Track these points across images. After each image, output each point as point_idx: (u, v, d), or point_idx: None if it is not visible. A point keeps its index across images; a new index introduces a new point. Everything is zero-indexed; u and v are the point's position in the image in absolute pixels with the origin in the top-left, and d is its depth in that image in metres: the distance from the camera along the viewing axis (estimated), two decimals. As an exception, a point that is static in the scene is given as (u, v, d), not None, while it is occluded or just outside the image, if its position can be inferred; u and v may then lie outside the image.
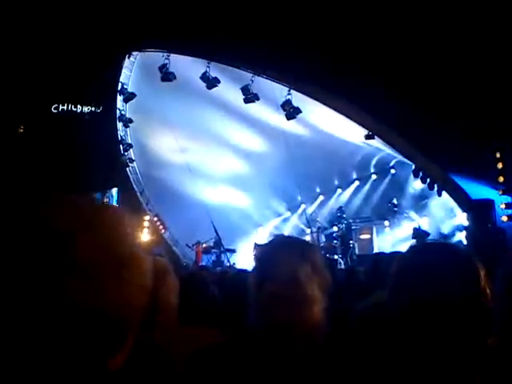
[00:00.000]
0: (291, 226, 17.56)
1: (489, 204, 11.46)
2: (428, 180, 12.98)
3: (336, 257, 13.91)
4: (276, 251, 1.76)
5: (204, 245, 15.25)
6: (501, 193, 11.38)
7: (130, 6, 12.83)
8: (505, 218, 11.29)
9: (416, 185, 14.39)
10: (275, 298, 1.64)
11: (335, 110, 11.93)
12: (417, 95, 10.67)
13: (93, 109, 17.78)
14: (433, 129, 10.91)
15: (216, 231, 14.12)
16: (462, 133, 10.53)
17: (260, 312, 1.67)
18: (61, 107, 18.24)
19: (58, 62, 15.64)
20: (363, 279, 4.77)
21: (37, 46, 15.21)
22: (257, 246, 14.33)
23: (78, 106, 18.14)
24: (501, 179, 11.33)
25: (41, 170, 16.89)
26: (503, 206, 11.35)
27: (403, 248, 5.59)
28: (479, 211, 11.32)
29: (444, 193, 12.65)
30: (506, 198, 11.36)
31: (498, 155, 11.26)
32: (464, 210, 12.03)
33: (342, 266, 12.97)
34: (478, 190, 11.80)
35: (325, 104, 11.95)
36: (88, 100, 17.68)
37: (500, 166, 11.26)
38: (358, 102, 11.44)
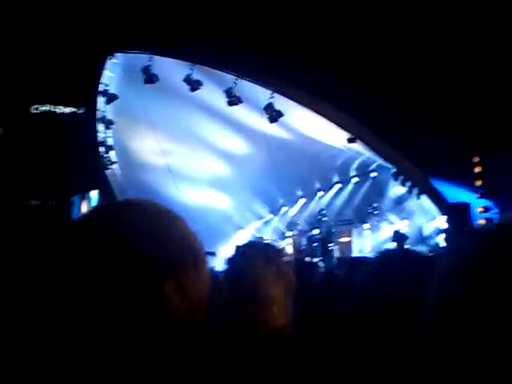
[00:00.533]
0: (272, 228, 17.63)
1: (464, 207, 11.69)
2: (407, 183, 13.19)
3: (316, 259, 14.02)
4: (242, 254, 1.87)
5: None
6: (478, 196, 11.62)
7: (113, 7, 12.78)
8: (482, 221, 11.51)
9: (396, 188, 14.59)
10: (238, 298, 1.74)
11: (317, 113, 12.05)
12: (397, 99, 10.84)
13: (74, 110, 17.62)
14: (413, 133, 11.09)
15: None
16: (442, 137, 10.72)
17: (224, 312, 1.77)
18: (40, 108, 18.04)
19: (38, 61, 15.47)
20: (341, 281, 4.87)
21: (16, 44, 15.03)
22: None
23: (59, 107, 17.96)
24: (478, 183, 11.57)
25: (20, 171, 16.68)
26: (481, 209, 11.58)
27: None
28: (456, 214, 11.53)
29: (424, 196, 12.86)
30: (484, 202, 11.60)
31: (475, 159, 11.50)
32: (442, 213, 12.24)
33: (323, 269, 13.06)
34: (456, 194, 12.04)
35: (307, 107, 12.06)
36: (69, 101, 17.51)
37: (478, 169, 11.50)
38: (339, 105, 11.58)
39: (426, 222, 13.88)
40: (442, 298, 0.62)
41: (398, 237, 12.48)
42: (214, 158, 15.70)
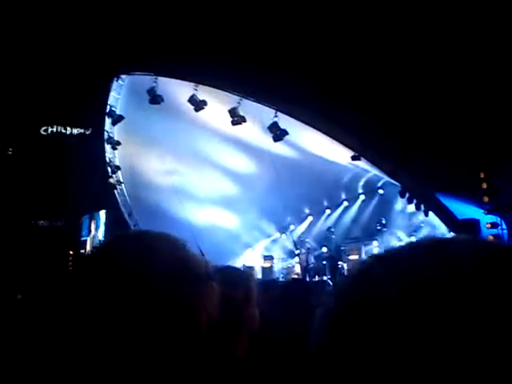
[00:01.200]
0: (280, 247, 17.53)
1: (474, 223, 11.56)
2: (414, 200, 13.06)
3: (325, 278, 13.90)
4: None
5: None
6: (486, 212, 11.48)
7: (118, 30, 12.95)
8: (490, 238, 11.35)
9: (404, 205, 14.47)
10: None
11: (322, 132, 12.03)
12: (402, 117, 10.79)
13: (81, 131, 17.82)
14: (418, 150, 11.03)
15: (202, 253, 14.06)
16: (448, 154, 10.64)
17: None
18: (50, 129, 18.28)
19: (47, 84, 15.71)
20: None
21: (26, 68, 15.28)
22: (245, 267, 14.34)
23: (67, 128, 18.19)
24: (485, 199, 11.44)
25: (29, 191, 16.85)
26: (489, 225, 11.44)
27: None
28: (465, 231, 11.39)
29: (431, 213, 12.72)
30: (491, 218, 11.46)
31: (482, 175, 11.38)
32: (450, 230, 12.09)
33: (331, 288, 12.95)
34: (463, 210, 11.90)
35: (311, 126, 12.05)
36: (77, 122, 17.73)
37: (484, 186, 11.37)
38: (343, 124, 11.56)
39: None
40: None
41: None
42: (220, 177, 15.72)
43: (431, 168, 11.18)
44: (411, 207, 13.83)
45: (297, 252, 15.95)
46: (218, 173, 15.54)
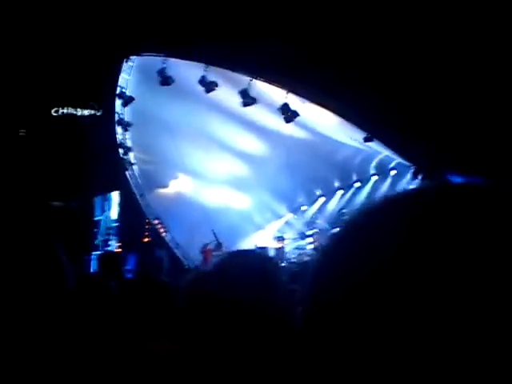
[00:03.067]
0: (292, 227, 17.51)
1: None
2: (427, 181, 12.95)
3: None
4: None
5: (202, 248, 15.25)
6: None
7: (128, 10, 12.83)
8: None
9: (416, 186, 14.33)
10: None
11: (334, 112, 11.91)
12: (417, 97, 10.63)
13: (92, 112, 17.82)
14: (434, 130, 10.87)
15: (215, 235, 14.13)
16: (463, 134, 10.48)
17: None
18: (61, 110, 18.29)
19: (57, 65, 15.67)
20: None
21: (37, 49, 15.25)
22: (257, 248, 14.37)
23: (78, 110, 18.19)
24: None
25: (41, 173, 16.96)
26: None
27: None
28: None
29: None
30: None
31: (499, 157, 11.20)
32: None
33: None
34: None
35: (323, 107, 11.93)
36: (88, 103, 17.72)
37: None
38: (356, 104, 11.40)
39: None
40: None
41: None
42: (231, 159, 15.68)
43: (445, 148, 11.02)
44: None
45: (309, 233, 15.94)
46: (229, 154, 15.50)
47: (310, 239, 16.02)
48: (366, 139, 12.25)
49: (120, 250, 16.42)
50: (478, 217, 0.47)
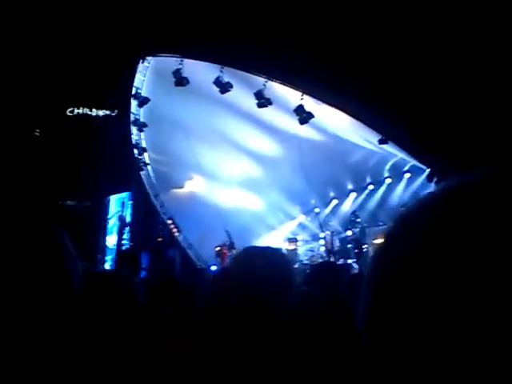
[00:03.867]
0: (305, 229, 17.50)
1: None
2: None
3: (350, 261, 13.86)
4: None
5: (218, 248, 15.29)
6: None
7: (145, 11, 12.91)
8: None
9: (431, 189, 14.23)
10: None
11: (349, 114, 11.88)
12: (432, 102, 10.58)
13: (107, 113, 17.93)
14: (448, 131, 10.80)
15: (229, 236, 14.16)
16: (479, 135, 10.40)
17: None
18: (76, 111, 18.43)
19: (73, 66, 15.80)
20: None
21: (53, 50, 15.37)
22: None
23: (93, 110, 18.31)
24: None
25: (56, 172, 17.08)
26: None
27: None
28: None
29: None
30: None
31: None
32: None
33: (356, 271, 12.92)
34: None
35: (338, 109, 11.91)
36: (103, 104, 17.84)
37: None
38: (371, 107, 11.38)
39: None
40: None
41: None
42: (245, 160, 15.69)
43: (461, 151, 10.95)
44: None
45: (322, 235, 15.92)
46: (243, 155, 15.52)
47: (323, 241, 16.01)
48: (381, 141, 12.21)
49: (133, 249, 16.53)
50: None
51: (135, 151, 16.32)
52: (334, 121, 12.88)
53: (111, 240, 18.11)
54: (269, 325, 1.64)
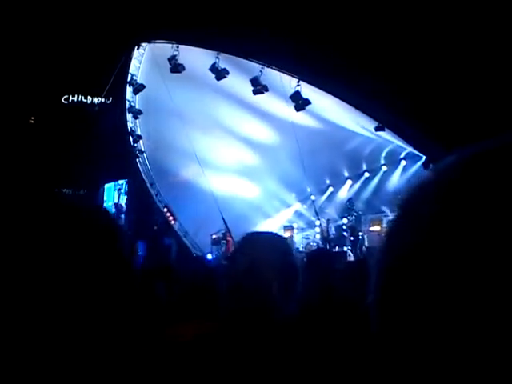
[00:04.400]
0: (300, 217, 17.51)
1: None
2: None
3: (345, 248, 13.90)
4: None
5: (214, 236, 15.30)
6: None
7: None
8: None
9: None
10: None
11: (345, 101, 11.85)
12: (428, 87, 10.56)
13: (103, 100, 17.82)
14: (445, 118, 10.80)
15: (225, 223, 14.16)
16: (477, 124, 10.39)
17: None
18: (71, 98, 18.31)
19: (67, 53, 15.67)
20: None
21: (47, 37, 15.24)
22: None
23: (88, 97, 18.20)
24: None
25: (51, 160, 16.99)
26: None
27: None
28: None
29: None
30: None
31: None
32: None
33: (352, 258, 12.96)
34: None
35: (335, 95, 11.88)
36: (98, 91, 17.71)
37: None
38: (368, 93, 11.35)
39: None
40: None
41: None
42: (241, 147, 15.66)
43: (457, 139, 10.95)
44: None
45: (317, 222, 15.94)
46: (239, 142, 15.48)
47: (318, 229, 16.04)
48: (378, 128, 12.20)
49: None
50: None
51: (130, 139, 16.26)
52: (330, 108, 12.85)
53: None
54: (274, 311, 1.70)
